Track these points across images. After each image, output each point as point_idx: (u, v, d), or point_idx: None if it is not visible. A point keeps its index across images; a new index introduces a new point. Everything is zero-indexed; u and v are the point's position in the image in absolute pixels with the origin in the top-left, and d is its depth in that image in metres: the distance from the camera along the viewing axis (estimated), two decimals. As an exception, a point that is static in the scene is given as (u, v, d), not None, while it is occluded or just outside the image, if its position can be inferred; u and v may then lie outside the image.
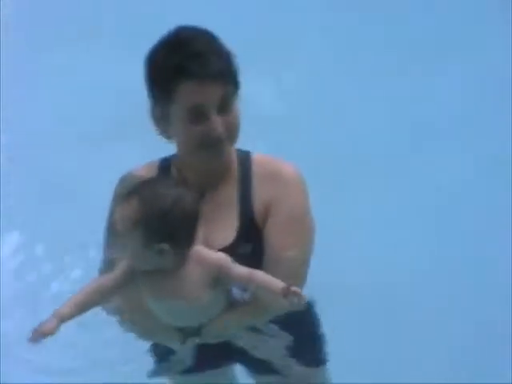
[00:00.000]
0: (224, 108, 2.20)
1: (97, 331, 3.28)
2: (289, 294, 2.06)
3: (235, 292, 2.26)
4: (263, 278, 2.15)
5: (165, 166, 2.37)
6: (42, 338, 2.10)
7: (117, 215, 2.15)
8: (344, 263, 3.68)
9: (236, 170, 2.33)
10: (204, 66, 2.15)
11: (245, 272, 2.16)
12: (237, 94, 2.25)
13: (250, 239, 2.29)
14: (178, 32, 2.23)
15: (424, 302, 3.58)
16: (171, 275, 2.16)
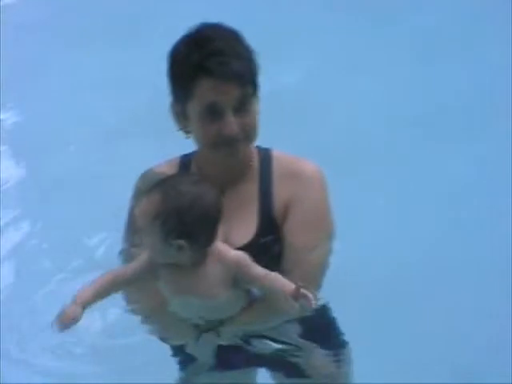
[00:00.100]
0: (241, 108, 2.21)
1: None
2: (299, 296, 2.07)
3: (255, 292, 2.26)
4: (276, 279, 2.15)
5: (186, 162, 2.39)
6: (67, 324, 2.14)
7: (138, 208, 2.16)
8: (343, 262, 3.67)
9: (256, 168, 2.35)
10: (223, 65, 2.16)
11: (261, 272, 2.16)
12: (255, 94, 2.26)
13: (269, 236, 2.30)
14: (200, 29, 2.25)
15: (424, 302, 3.57)
16: (190, 271, 2.18)
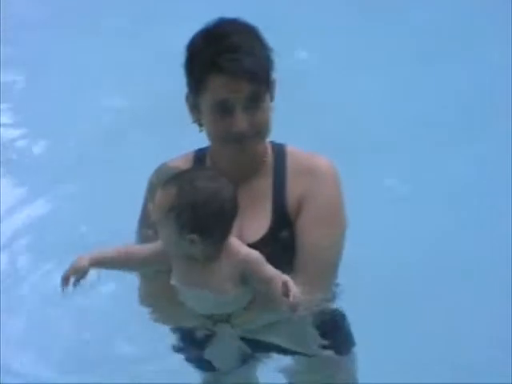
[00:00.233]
0: (252, 105, 2.22)
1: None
2: (295, 309, 2.08)
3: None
4: (277, 288, 2.11)
5: (200, 157, 2.40)
6: (74, 276, 2.15)
7: (154, 199, 2.17)
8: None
9: (270, 163, 2.35)
10: (234, 62, 2.17)
11: (267, 276, 2.15)
12: (269, 92, 2.27)
13: (282, 232, 2.30)
14: (217, 24, 2.26)
15: (424, 302, 3.56)
16: (202, 265, 2.18)
